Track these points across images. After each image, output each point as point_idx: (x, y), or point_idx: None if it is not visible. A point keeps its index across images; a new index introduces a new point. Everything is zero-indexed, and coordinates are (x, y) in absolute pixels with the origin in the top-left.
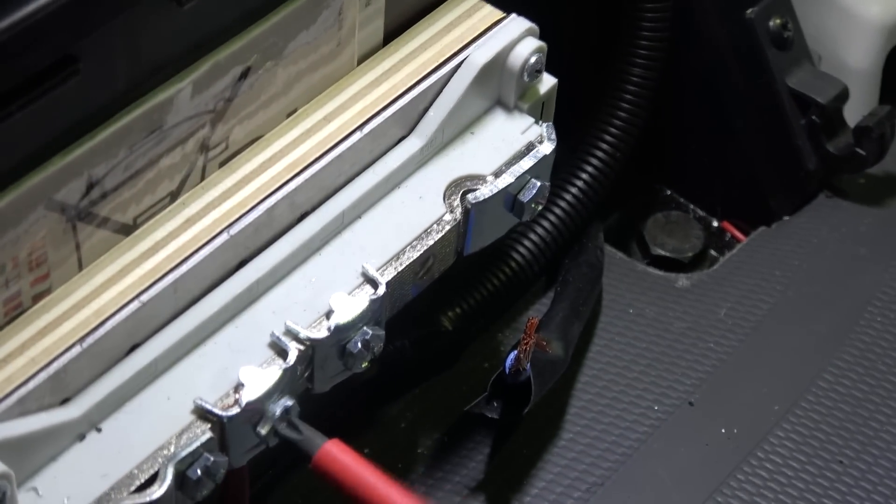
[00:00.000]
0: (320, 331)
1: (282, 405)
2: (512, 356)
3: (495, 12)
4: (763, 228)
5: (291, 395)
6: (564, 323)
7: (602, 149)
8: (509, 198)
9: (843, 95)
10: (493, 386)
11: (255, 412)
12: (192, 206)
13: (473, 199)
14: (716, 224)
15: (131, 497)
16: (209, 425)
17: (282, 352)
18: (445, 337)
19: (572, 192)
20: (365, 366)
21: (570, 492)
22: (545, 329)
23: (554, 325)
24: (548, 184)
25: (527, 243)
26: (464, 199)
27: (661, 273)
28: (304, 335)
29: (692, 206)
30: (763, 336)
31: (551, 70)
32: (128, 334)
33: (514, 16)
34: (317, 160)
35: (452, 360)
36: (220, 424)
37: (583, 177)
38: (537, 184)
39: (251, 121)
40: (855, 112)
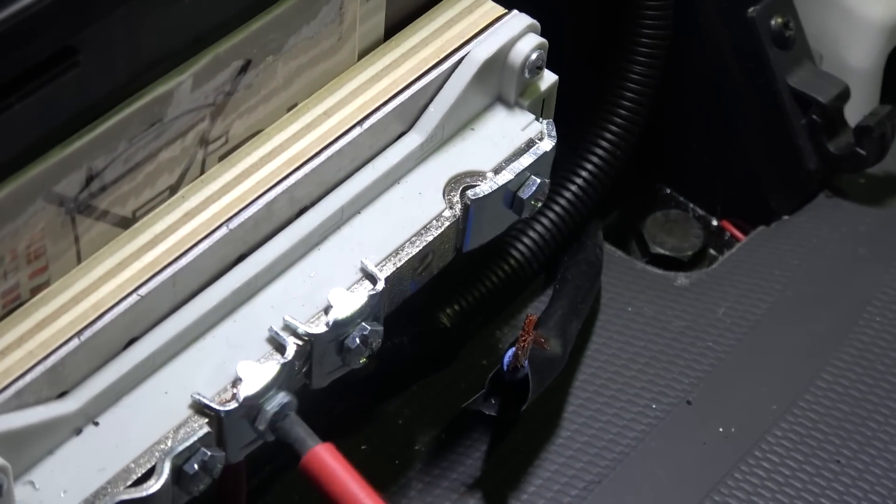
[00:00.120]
0: (319, 326)
1: (279, 401)
2: (510, 353)
3: (497, 8)
4: (762, 228)
5: (289, 391)
6: (563, 320)
7: (602, 147)
8: (509, 194)
9: (844, 95)
10: (490, 383)
11: (252, 407)
12: (192, 199)
13: (473, 195)
14: (715, 223)
15: (128, 491)
16: (206, 420)
17: (280, 347)
18: (444, 334)
19: (572, 189)
20: (363, 362)
21: (567, 489)
22: (543, 326)
23: (552, 322)
24: (547, 181)
25: (526, 240)
26: (463, 195)
27: (660, 272)
28: (302, 330)
29: (692, 204)
30: (761, 335)
31: (552, 67)
32: (126, 328)
33: (516, 12)
34: (316, 155)
35: (451, 356)
36: (217, 419)
37: (582, 174)
38: (537, 181)
39: (251, 115)
40: (856, 112)
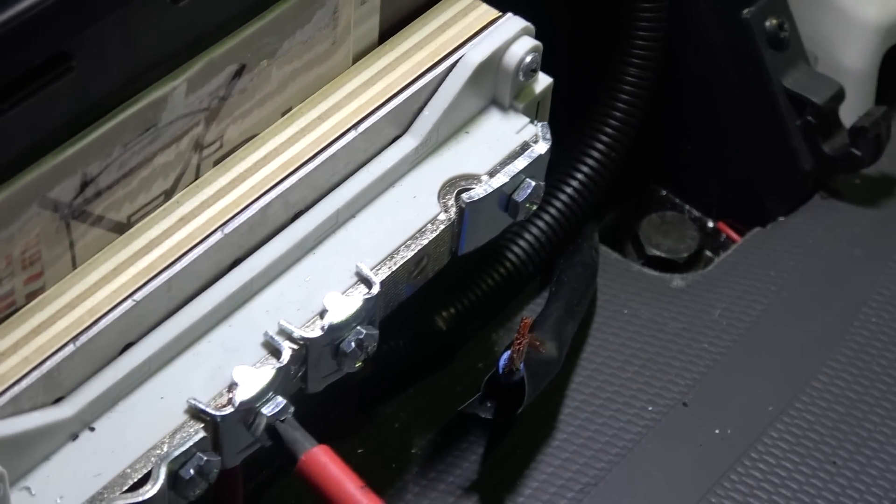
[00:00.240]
0: (314, 330)
1: (275, 405)
2: (505, 356)
3: (491, 11)
4: (758, 229)
5: (285, 395)
6: (559, 323)
7: (597, 149)
8: (504, 197)
9: (839, 96)
10: (486, 386)
11: (248, 412)
12: (187, 204)
13: (468, 198)
14: (711, 224)
15: (124, 496)
16: (202, 425)
17: (275, 351)
18: (440, 337)
19: (567, 191)
20: (358, 365)
21: (563, 492)
22: (539, 329)
23: (548, 325)
24: (542, 184)
25: (521, 243)
26: (458, 198)
27: (656, 273)
28: (297, 334)
29: (687, 206)
30: (757, 337)
31: (547, 70)
32: (121, 333)
33: (510, 15)
34: (311, 159)
35: (446, 360)
36: (213, 424)
37: (578, 177)
38: (532, 184)
39: (245, 119)
40: (851, 113)
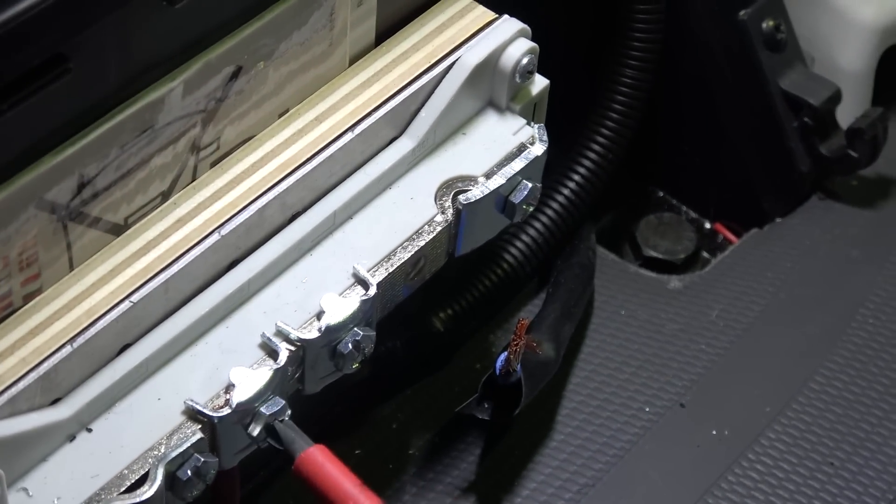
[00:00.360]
0: (311, 331)
1: (272, 406)
2: (502, 357)
3: (487, 13)
4: (755, 230)
5: (282, 397)
6: (556, 324)
7: (594, 150)
8: (500, 199)
9: (836, 97)
10: (483, 387)
11: (245, 413)
12: (184, 206)
13: (465, 200)
14: (708, 226)
15: (121, 497)
16: (199, 426)
17: (273, 352)
18: (437, 338)
19: (564, 193)
20: (356, 367)
21: (561, 493)
22: (536, 330)
23: (545, 326)
24: (539, 185)
25: (518, 245)
26: (455, 200)
27: (654, 275)
28: (294, 336)
29: (684, 207)
30: (755, 338)
31: (543, 71)
32: (118, 334)
33: (506, 17)
34: (308, 160)
35: (444, 361)
36: (210, 425)
37: (575, 178)
38: (529, 185)
39: (243, 121)
40: (847, 114)
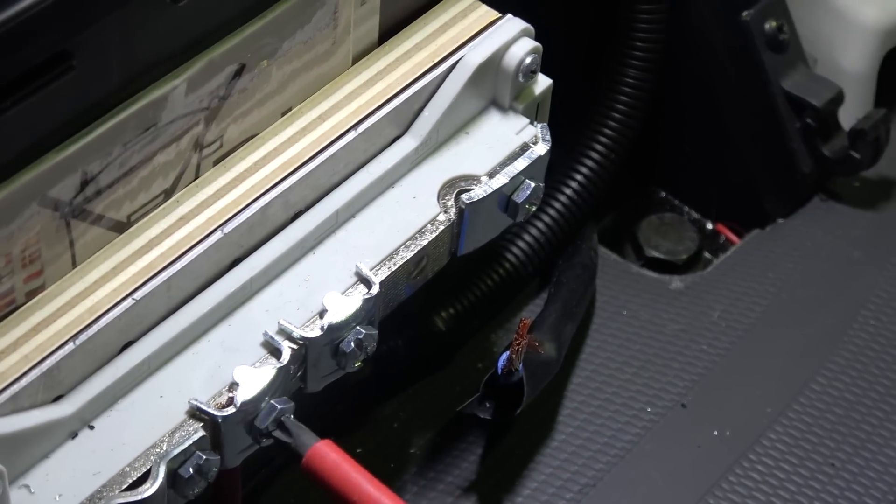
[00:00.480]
0: (314, 330)
1: (276, 405)
2: (504, 357)
3: (491, 13)
4: (757, 231)
5: (285, 395)
6: (557, 324)
7: (597, 150)
8: (503, 198)
9: (839, 98)
10: (485, 386)
11: (249, 412)
12: (186, 203)
13: (468, 199)
14: (710, 226)
15: (123, 495)
16: (202, 424)
17: (275, 351)
18: (439, 337)
19: (567, 193)
20: (358, 365)
21: (562, 492)
22: (538, 330)
23: (547, 325)
24: (542, 185)
25: (521, 244)
26: (458, 199)
27: (655, 275)
28: (297, 334)
29: (686, 208)
30: (756, 339)
31: (546, 71)
32: (121, 332)
33: (510, 16)
34: (311, 159)
35: (445, 360)
36: (213, 424)
37: (577, 178)
38: (531, 185)
39: (245, 119)
40: (850, 115)
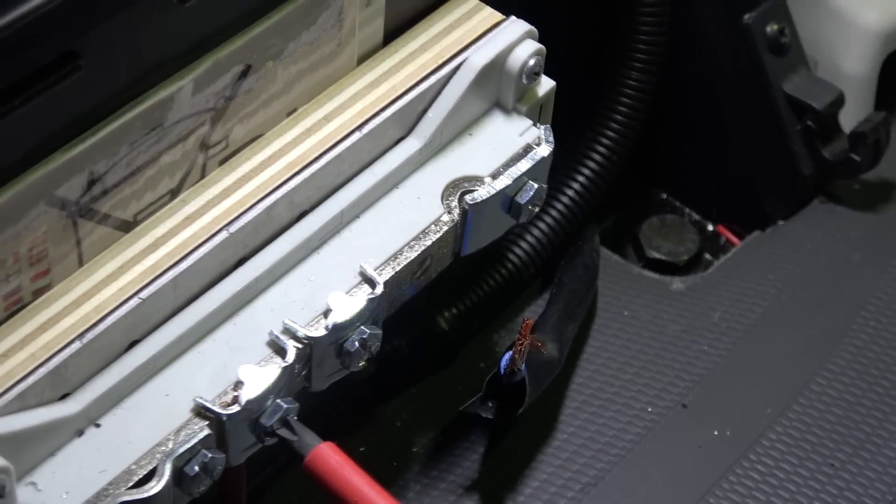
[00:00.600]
0: (318, 329)
1: (280, 404)
2: (507, 357)
3: (495, 15)
4: (758, 233)
5: (290, 394)
6: (559, 324)
7: (599, 152)
8: (506, 199)
9: (839, 101)
10: (488, 386)
11: (253, 410)
12: (192, 203)
13: (471, 200)
14: (711, 228)
15: (129, 492)
16: (207, 422)
17: (280, 350)
18: (442, 337)
19: (569, 194)
20: (362, 365)
21: (563, 492)
22: (540, 330)
23: (549, 326)
24: (545, 186)
25: (523, 245)
26: (462, 200)
27: (656, 276)
28: (302, 333)
29: (687, 209)
30: (756, 339)
31: (550, 73)
32: (127, 331)
33: (514, 18)
34: (316, 160)
35: (448, 360)
36: (218, 422)
37: (579, 179)
38: (534, 186)
39: (251, 119)
40: (850, 118)
